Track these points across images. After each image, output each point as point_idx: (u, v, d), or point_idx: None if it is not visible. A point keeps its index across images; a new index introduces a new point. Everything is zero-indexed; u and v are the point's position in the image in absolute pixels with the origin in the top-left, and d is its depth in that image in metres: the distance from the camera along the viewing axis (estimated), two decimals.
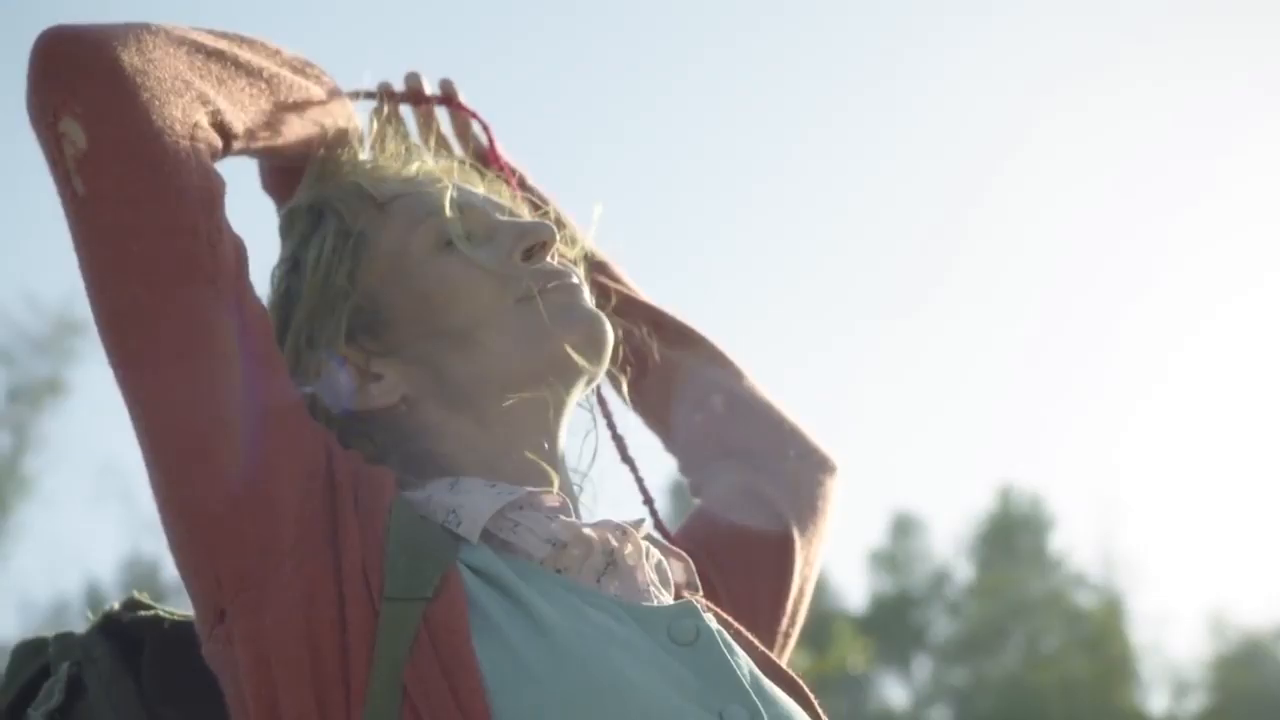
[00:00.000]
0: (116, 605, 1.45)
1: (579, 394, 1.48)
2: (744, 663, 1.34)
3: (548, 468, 1.43)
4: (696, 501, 1.69)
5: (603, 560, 1.37)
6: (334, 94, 1.54)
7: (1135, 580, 36.51)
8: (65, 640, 1.42)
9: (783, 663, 1.51)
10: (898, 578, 44.13)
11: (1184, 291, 45.42)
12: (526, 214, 1.55)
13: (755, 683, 1.32)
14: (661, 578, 1.42)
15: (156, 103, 1.28)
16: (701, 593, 1.46)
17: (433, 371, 1.42)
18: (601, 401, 1.61)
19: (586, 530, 1.38)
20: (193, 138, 1.31)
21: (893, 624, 41.59)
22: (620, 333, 1.53)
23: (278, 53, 1.47)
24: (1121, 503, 50.90)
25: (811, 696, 1.38)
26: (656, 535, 1.48)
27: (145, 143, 1.27)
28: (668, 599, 1.40)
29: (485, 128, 1.65)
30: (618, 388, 1.63)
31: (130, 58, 1.29)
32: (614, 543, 1.38)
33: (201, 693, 1.33)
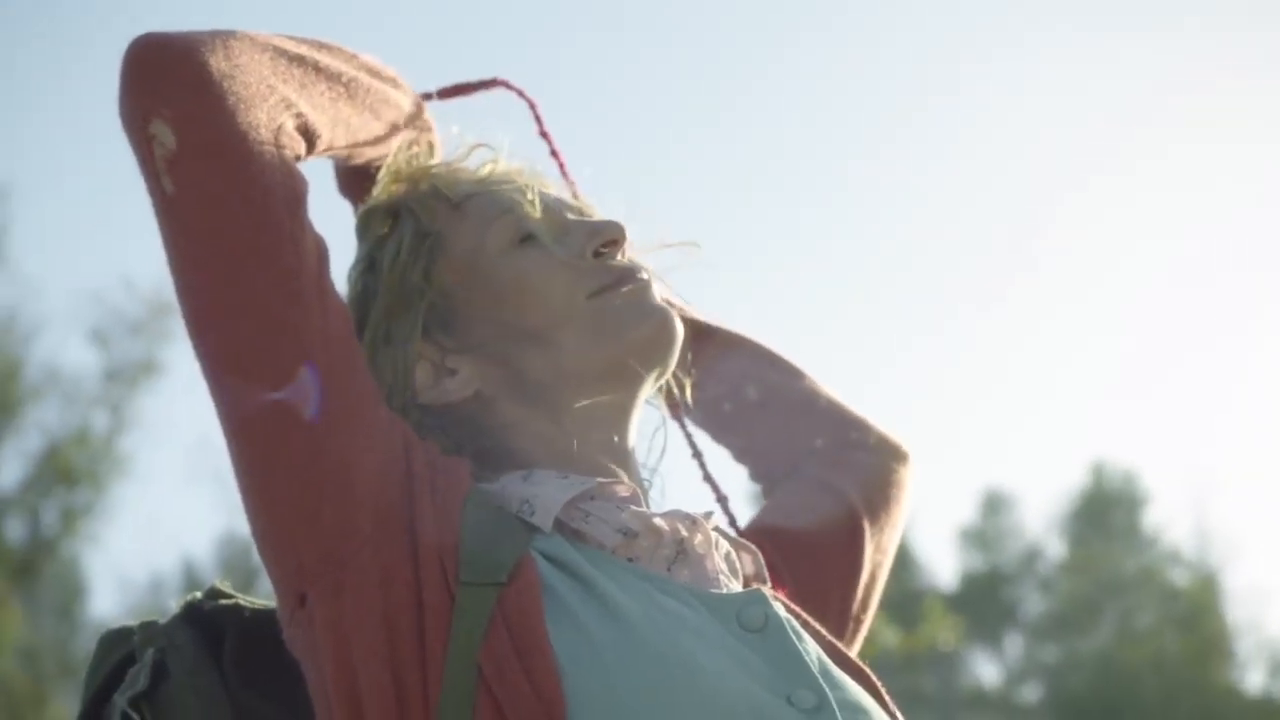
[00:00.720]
0: (199, 594, 1.49)
1: (649, 390, 1.50)
2: (812, 649, 1.36)
3: (618, 462, 1.46)
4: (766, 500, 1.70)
5: (673, 549, 1.40)
6: (409, 97, 1.57)
7: (1231, 556, 35.99)
8: (149, 628, 1.46)
9: (852, 651, 1.53)
10: (988, 555, 43.81)
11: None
12: (596, 214, 1.56)
13: (823, 669, 1.34)
14: (730, 568, 1.44)
15: (242, 106, 1.33)
16: (770, 584, 1.48)
17: (507, 367, 1.46)
18: (670, 397, 1.62)
19: (657, 520, 1.41)
20: (277, 140, 1.35)
21: (984, 601, 41.33)
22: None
23: (354, 57, 1.50)
24: (1217, 477, 50.12)
25: (879, 684, 1.40)
26: (725, 528, 1.51)
27: (231, 144, 1.31)
28: (737, 587, 1.42)
29: (532, 105, 1.66)
30: (681, 391, 1.64)
31: (217, 63, 1.33)
32: (684, 532, 1.41)
33: (281, 679, 1.38)
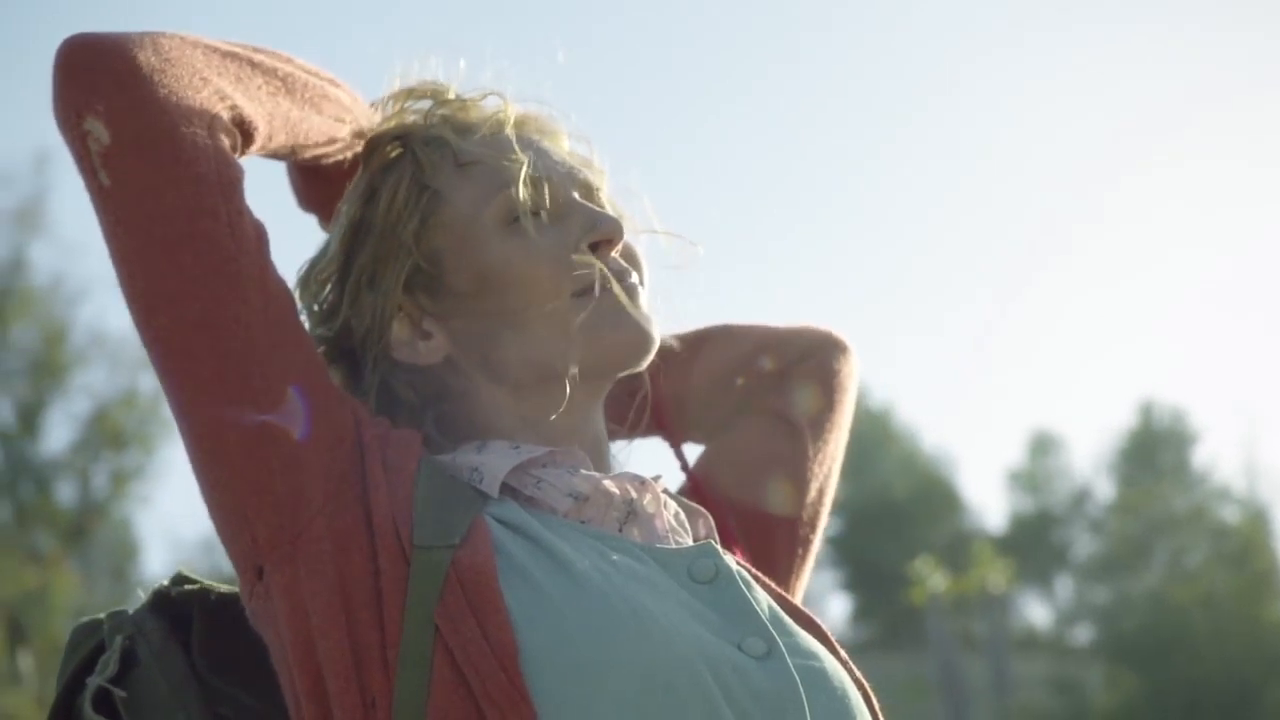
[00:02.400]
0: (166, 582, 1.52)
1: (619, 381, 1.54)
2: (763, 599, 1.40)
3: (578, 437, 1.49)
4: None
5: (623, 510, 1.44)
6: (348, 95, 1.58)
7: None
8: (118, 617, 1.50)
9: (806, 569, 1.63)
10: (1037, 497, 43.76)
11: None
12: (603, 186, 1.57)
13: (774, 617, 1.38)
14: (681, 527, 1.48)
15: (174, 97, 1.35)
16: (721, 542, 1.50)
17: (480, 344, 1.49)
18: (638, 377, 1.64)
19: (606, 482, 1.45)
20: (210, 129, 1.37)
21: (1033, 543, 41.29)
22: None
23: (290, 59, 1.52)
24: (1266, 415, 49.85)
25: (830, 635, 1.43)
26: (675, 495, 1.53)
27: (164, 134, 1.33)
28: (688, 543, 1.46)
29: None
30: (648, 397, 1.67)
31: (147, 57, 1.35)
32: (633, 493, 1.45)
33: (247, 661, 1.42)
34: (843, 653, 1.42)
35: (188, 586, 1.51)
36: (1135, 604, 30.24)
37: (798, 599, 1.63)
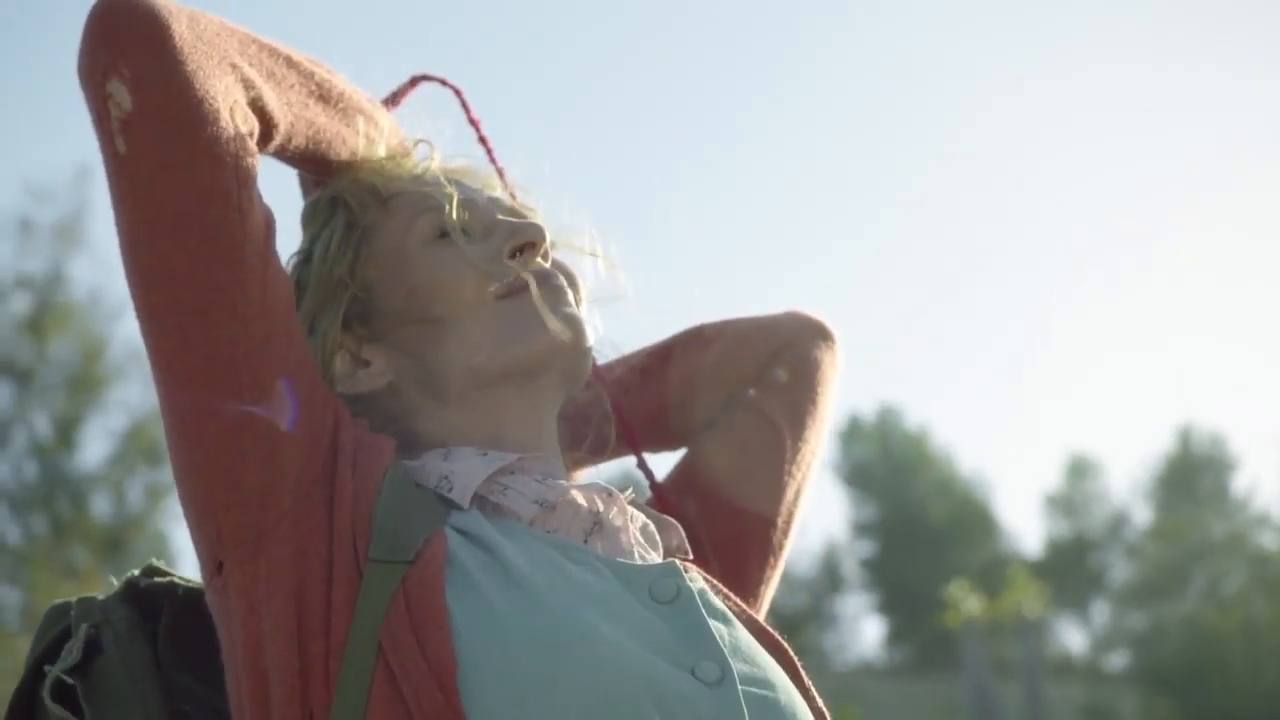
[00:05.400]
0: (136, 572, 1.51)
1: (562, 389, 1.51)
2: (723, 625, 1.36)
3: (535, 443, 1.48)
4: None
5: (589, 521, 1.42)
6: (390, 120, 1.58)
7: None
8: (86, 604, 1.48)
9: (776, 572, 1.62)
10: (1074, 521, 43.54)
11: None
12: (534, 212, 1.58)
13: (734, 643, 1.35)
14: (649, 540, 1.46)
15: (201, 74, 1.33)
16: (691, 556, 1.49)
17: (416, 359, 1.48)
18: (602, 384, 1.65)
19: (574, 492, 1.42)
20: (232, 113, 1.35)
21: (1070, 568, 41.08)
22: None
23: (334, 71, 1.51)
24: None
25: (795, 660, 1.41)
26: (644, 506, 1.51)
27: (186, 110, 1.31)
28: (656, 559, 1.44)
29: (458, 92, 1.67)
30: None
31: (181, 29, 1.33)
32: (600, 505, 1.43)
33: (212, 655, 1.39)
34: (807, 680, 1.39)
35: (158, 579, 1.50)
36: (1171, 630, 30.06)
37: (763, 609, 1.63)
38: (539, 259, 1.51)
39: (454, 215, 1.50)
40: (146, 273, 1.33)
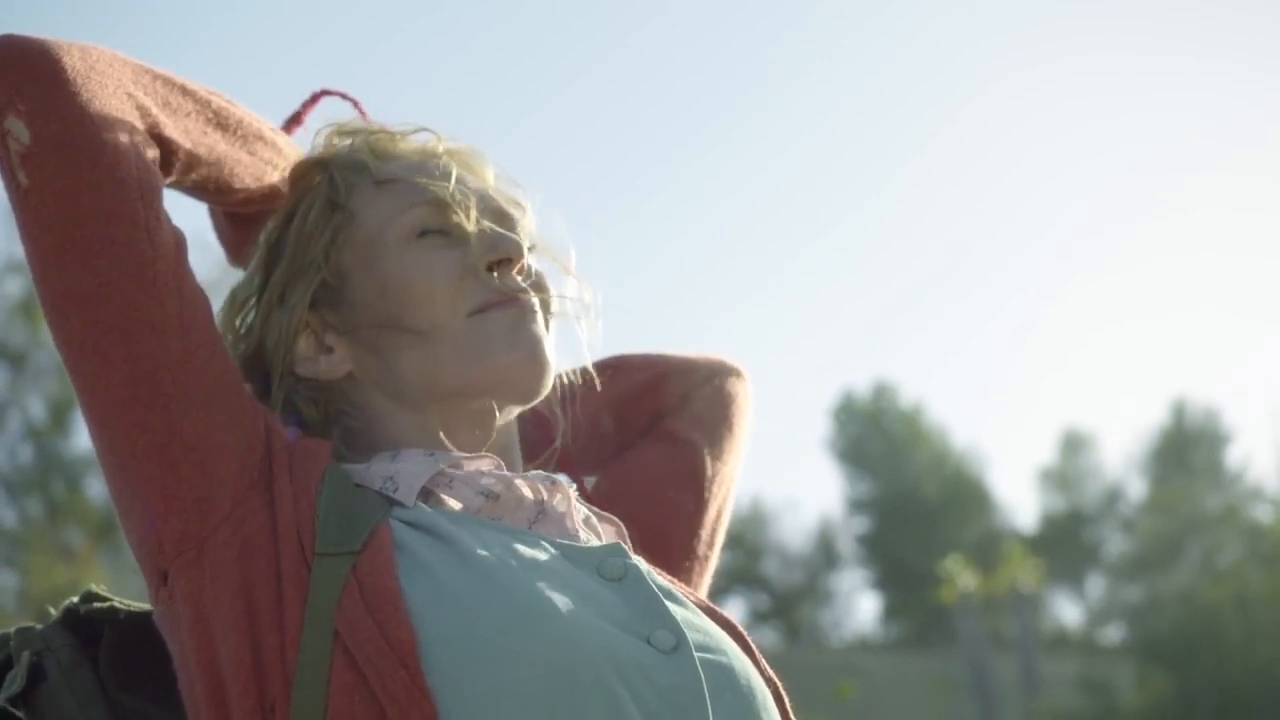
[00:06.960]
0: (75, 599, 1.52)
1: (520, 405, 1.53)
2: (670, 599, 1.38)
3: (485, 447, 1.50)
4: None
5: (534, 509, 1.45)
6: (291, 145, 1.59)
7: None
8: (25, 633, 1.49)
9: (702, 591, 1.64)
10: (1069, 495, 43.60)
11: None
12: (524, 219, 1.58)
13: (684, 614, 1.37)
14: (592, 530, 1.48)
15: (96, 102, 1.35)
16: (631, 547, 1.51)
17: (380, 358, 1.50)
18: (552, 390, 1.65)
19: (518, 481, 1.46)
20: (131, 135, 1.37)
21: (1064, 542, 41.13)
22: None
23: (232, 100, 1.52)
24: None
25: (744, 633, 1.43)
26: (586, 504, 1.54)
27: (84, 137, 1.33)
28: (598, 543, 1.46)
29: (356, 104, 1.67)
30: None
31: (73, 62, 1.36)
32: (544, 493, 1.46)
33: (157, 677, 1.41)
34: (756, 651, 1.42)
35: (97, 605, 1.50)
36: (1166, 604, 30.10)
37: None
38: (515, 273, 1.51)
39: (434, 218, 1.50)
40: (60, 299, 1.35)
